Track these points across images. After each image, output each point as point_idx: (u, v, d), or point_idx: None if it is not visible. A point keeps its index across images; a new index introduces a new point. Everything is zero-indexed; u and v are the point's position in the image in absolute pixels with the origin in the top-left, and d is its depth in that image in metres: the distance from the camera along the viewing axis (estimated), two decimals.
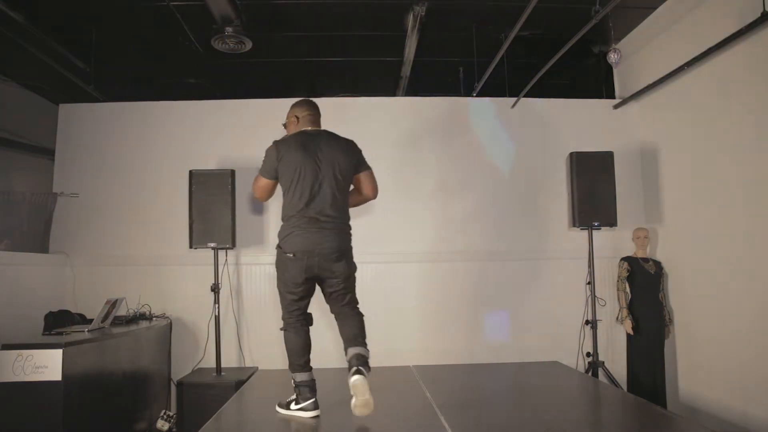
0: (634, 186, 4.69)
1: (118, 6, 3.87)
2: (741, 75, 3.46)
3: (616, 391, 3.64)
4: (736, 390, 3.55)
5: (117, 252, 4.58)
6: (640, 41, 4.51)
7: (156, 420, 4.00)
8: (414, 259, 4.64)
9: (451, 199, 4.73)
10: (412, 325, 4.56)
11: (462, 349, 4.50)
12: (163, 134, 4.74)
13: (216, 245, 4.19)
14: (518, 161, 4.80)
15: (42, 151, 4.85)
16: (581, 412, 3.05)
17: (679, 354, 4.21)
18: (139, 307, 4.30)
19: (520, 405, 3.09)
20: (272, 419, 2.74)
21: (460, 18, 4.17)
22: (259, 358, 4.51)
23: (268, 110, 4.77)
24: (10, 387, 2.76)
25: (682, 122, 4.12)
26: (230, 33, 3.86)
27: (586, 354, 4.46)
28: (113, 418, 3.46)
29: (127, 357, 3.69)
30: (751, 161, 3.41)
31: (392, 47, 4.47)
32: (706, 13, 3.72)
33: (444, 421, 2.56)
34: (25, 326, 3.76)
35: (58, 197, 4.58)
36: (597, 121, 4.84)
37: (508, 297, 4.65)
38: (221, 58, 4.36)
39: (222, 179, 4.23)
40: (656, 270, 4.25)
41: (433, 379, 3.53)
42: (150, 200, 4.65)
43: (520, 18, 3.44)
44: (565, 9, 3.89)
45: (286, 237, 2.72)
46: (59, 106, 4.79)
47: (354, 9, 3.99)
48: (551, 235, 4.73)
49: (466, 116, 4.84)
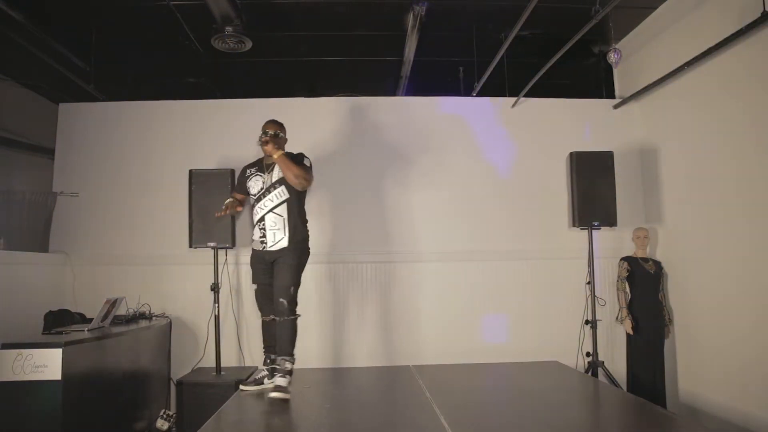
0: (634, 186, 4.69)
1: (118, 6, 3.87)
2: (741, 75, 3.46)
3: (615, 391, 3.64)
4: (736, 390, 3.55)
5: (117, 251, 4.58)
6: (640, 41, 4.51)
7: (156, 419, 3.99)
8: (414, 259, 4.64)
9: (450, 199, 4.73)
10: (412, 325, 4.56)
11: (462, 349, 4.49)
12: (163, 134, 4.74)
13: (216, 245, 4.19)
14: (518, 161, 4.80)
15: (42, 150, 4.85)
16: (581, 412, 3.05)
17: (679, 354, 4.21)
18: (138, 306, 4.30)
19: (520, 405, 3.09)
20: (272, 419, 2.74)
21: (460, 18, 4.17)
22: (259, 357, 4.47)
23: (268, 110, 4.76)
24: (10, 386, 2.76)
25: (682, 122, 4.12)
26: (230, 32, 3.87)
27: (585, 354, 4.45)
28: (113, 418, 3.46)
29: (126, 356, 3.68)
30: (752, 161, 3.41)
31: (392, 47, 4.47)
32: (706, 13, 3.72)
33: (444, 421, 2.56)
34: (25, 325, 3.76)
35: (57, 197, 4.58)
36: (597, 121, 4.84)
37: (508, 297, 4.65)
38: (221, 57, 4.36)
39: (222, 179, 4.23)
40: (656, 270, 4.25)
41: (433, 379, 3.53)
42: (150, 200, 4.64)
43: (520, 18, 3.44)
44: (565, 9, 3.89)
45: (307, 236, 3.40)
46: (59, 106, 4.79)
47: (354, 9, 3.99)
48: (551, 235, 4.73)
49: (466, 116, 4.84)
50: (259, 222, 3.32)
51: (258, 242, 3.32)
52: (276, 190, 3.32)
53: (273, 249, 3.27)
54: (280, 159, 3.27)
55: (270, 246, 3.27)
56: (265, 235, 3.28)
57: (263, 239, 3.29)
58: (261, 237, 3.30)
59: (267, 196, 3.31)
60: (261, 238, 3.30)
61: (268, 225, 3.29)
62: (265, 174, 3.37)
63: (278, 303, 3.19)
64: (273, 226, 3.28)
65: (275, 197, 3.31)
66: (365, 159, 4.69)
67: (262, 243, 3.30)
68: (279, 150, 3.28)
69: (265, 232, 3.29)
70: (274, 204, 3.30)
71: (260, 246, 3.31)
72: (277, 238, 3.27)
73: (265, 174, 3.37)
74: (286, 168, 3.26)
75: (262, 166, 3.42)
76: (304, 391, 3.28)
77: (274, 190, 3.32)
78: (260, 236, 3.30)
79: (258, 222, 3.33)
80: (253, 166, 3.49)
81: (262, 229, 3.30)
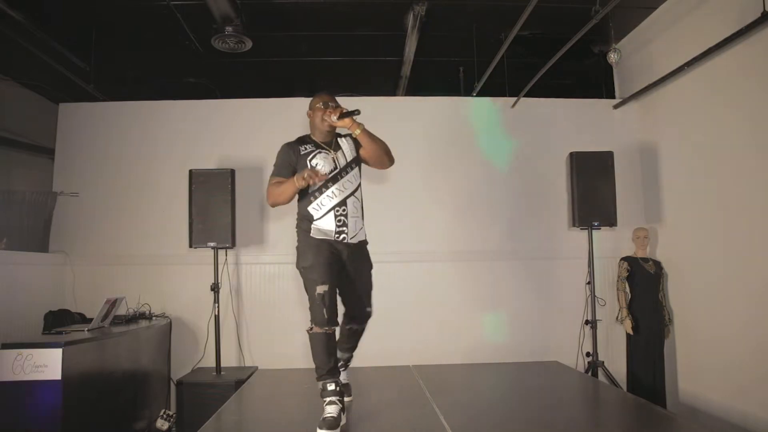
0: (634, 186, 4.69)
1: (118, 6, 3.87)
2: (741, 75, 3.46)
3: (615, 391, 3.64)
4: (736, 390, 3.55)
5: (117, 251, 4.59)
6: (640, 41, 4.50)
7: (156, 419, 3.99)
8: (414, 258, 4.64)
9: (450, 199, 4.73)
10: (412, 325, 4.55)
11: (462, 349, 4.50)
12: (163, 134, 4.74)
13: (216, 245, 4.19)
14: (518, 161, 4.80)
15: (42, 150, 4.85)
16: (581, 412, 3.05)
17: (679, 354, 4.21)
18: (138, 306, 4.30)
19: (520, 405, 3.09)
20: (272, 419, 2.74)
21: (460, 18, 4.17)
22: (259, 357, 4.51)
23: (268, 110, 4.78)
24: (10, 386, 2.77)
25: (681, 122, 4.12)
26: (230, 32, 3.86)
27: (585, 354, 4.46)
28: (113, 417, 3.46)
29: (126, 356, 3.69)
30: (751, 161, 3.41)
31: (392, 47, 4.47)
32: (706, 13, 3.72)
33: (444, 421, 2.55)
34: (25, 325, 3.76)
35: (58, 196, 4.58)
36: (597, 121, 4.84)
37: (508, 297, 4.65)
38: (221, 57, 4.36)
39: (222, 179, 4.23)
40: (656, 270, 4.25)
41: (433, 379, 3.53)
42: (150, 199, 4.65)
43: (520, 18, 3.44)
44: (565, 9, 3.88)
45: None
46: (59, 105, 4.80)
47: (354, 9, 3.99)
48: (551, 235, 4.73)
49: (466, 116, 4.84)
50: (337, 207, 2.72)
51: (334, 232, 2.71)
52: (353, 170, 2.81)
53: (354, 241, 2.74)
54: (366, 132, 2.75)
55: (351, 237, 2.73)
56: (346, 223, 2.71)
57: (343, 229, 2.70)
58: (340, 226, 2.71)
59: (344, 178, 2.75)
60: (340, 227, 2.71)
61: (350, 211, 2.74)
62: (331, 152, 2.79)
63: (366, 313, 2.87)
64: (355, 212, 2.75)
65: (352, 179, 2.79)
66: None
67: (341, 233, 2.70)
68: (360, 123, 2.74)
69: (345, 219, 2.72)
70: (353, 188, 2.78)
71: (338, 237, 2.71)
72: (357, 227, 2.77)
73: (332, 152, 2.79)
74: (376, 143, 2.78)
75: (316, 143, 2.82)
76: (304, 390, 3.27)
77: (351, 170, 2.80)
78: (338, 225, 2.71)
79: (335, 207, 2.72)
80: (301, 143, 2.82)
81: (341, 216, 2.72)
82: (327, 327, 2.57)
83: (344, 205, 2.73)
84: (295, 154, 2.77)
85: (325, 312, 2.56)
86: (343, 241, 2.70)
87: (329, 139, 2.83)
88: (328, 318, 2.56)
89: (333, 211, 2.71)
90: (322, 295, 2.56)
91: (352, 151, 2.84)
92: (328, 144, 2.81)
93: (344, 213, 2.72)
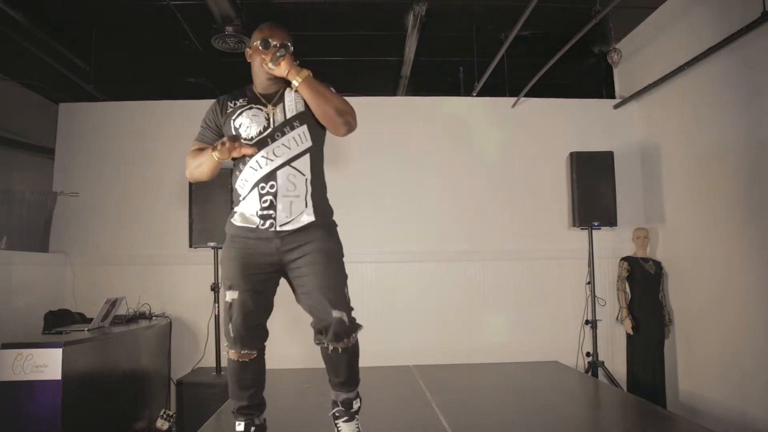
0: (634, 186, 4.69)
1: (118, 6, 3.87)
2: (741, 75, 3.46)
3: (616, 391, 3.64)
4: (736, 390, 3.55)
5: (117, 251, 4.58)
6: (640, 41, 4.50)
7: (156, 419, 3.99)
8: (414, 258, 4.64)
9: (450, 198, 4.73)
10: (412, 325, 4.55)
11: (462, 349, 4.49)
12: (164, 134, 4.73)
13: (216, 245, 4.18)
14: (518, 161, 4.79)
15: (42, 150, 4.84)
16: (581, 412, 3.05)
17: (679, 354, 4.21)
18: (138, 306, 4.29)
19: (520, 405, 3.09)
20: (271, 419, 2.74)
21: (460, 18, 4.17)
22: None
23: None
24: (10, 386, 2.76)
25: (682, 122, 4.12)
26: (230, 32, 3.86)
27: (585, 354, 4.46)
28: (113, 417, 3.45)
29: (126, 356, 3.68)
30: (751, 161, 3.40)
31: (392, 47, 4.47)
32: (706, 12, 3.72)
33: (444, 421, 2.56)
34: (25, 325, 3.76)
35: (58, 196, 4.57)
36: (597, 121, 4.84)
37: (509, 297, 4.65)
38: (221, 57, 4.35)
39: (222, 179, 4.20)
40: (656, 270, 4.25)
41: (433, 379, 3.53)
42: (150, 199, 4.64)
43: (520, 18, 3.44)
44: (565, 9, 3.88)
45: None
46: (59, 105, 4.79)
47: (354, 9, 3.99)
48: (551, 235, 4.73)
49: (466, 116, 4.84)
50: (261, 183, 2.05)
51: (257, 217, 2.05)
52: (292, 132, 2.08)
53: (287, 228, 2.04)
54: (308, 83, 2.04)
55: (283, 224, 2.03)
56: (274, 205, 2.03)
57: (269, 212, 2.03)
58: (265, 209, 2.04)
59: (276, 142, 2.07)
60: (265, 210, 2.04)
61: (282, 188, 2.04)
62: (268, 107, 2.13)
63: (334, 321, 2.01)
64: (290, 190, 2.04)
65: (291, 143, 2.08)
66: (365, 159, 4.68)
67: (267, 218, 2.03)
68: (304, 69, 2.06)
69: (273, 199, 2.03)
70: (292, 155, 2.07)
71: (263, 224, 2.04)
72: (295, 210, 2.05)
73: (269, 107, 2.13)
74: (321, 98, 2.04)
75: (255, 96, 2.16)
76: (304, 390, 3.27)
77: (290, 132, 2.08)
78: (263, 208, 2.04)
79: (258, 184, 2.05)
80: (237, 97, 2.18)
81: (267, 196, 2.04)
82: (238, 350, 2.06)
83: (272, 179, 2.02)
84: (223, 110, 2.16)
85: (232, 329, 2.03)
86: (267, 228, 2.03)
87: (273, 90, 2.16)
88: (235, 337, 2.03)
89: (257, 187, 2.05)
90: (230, 305, 2.04)
91: (299, 105, 2.12)
92: (269, 97, 2.15)
93: (272, 191, 2.03)
